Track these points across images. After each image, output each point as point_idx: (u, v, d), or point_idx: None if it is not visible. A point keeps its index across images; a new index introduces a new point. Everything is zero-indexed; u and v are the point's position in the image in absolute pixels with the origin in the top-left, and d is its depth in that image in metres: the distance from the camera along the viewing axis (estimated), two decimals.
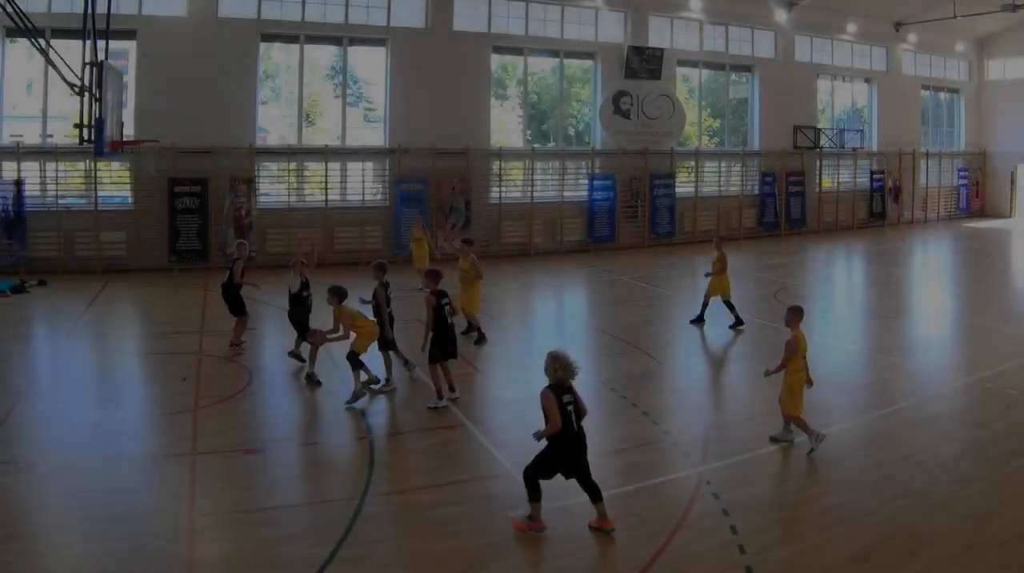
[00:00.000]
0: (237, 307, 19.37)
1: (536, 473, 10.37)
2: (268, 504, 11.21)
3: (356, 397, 15.23)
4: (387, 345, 16.56)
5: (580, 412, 10.44)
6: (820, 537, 10.27)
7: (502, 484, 11.66)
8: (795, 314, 13.41)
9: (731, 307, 21.82)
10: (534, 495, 10.40)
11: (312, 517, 10.90)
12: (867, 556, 9.77)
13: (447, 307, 15.69)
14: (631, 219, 39.46)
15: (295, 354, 17.77)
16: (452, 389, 15.51)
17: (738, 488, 11.65)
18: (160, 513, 10.84)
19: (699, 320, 22.07)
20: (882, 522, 10.59)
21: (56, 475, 12.01)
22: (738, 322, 21.65)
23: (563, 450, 10.26)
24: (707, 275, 22.27)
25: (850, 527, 10.44)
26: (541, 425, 10.53)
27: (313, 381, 16.55)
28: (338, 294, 15.65)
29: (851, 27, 46.13)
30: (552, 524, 10.40)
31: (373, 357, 16.27)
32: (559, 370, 10.33)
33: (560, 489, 10.79)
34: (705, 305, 22.06)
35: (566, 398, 10.30)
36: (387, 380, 16.52)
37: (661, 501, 11.38)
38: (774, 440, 13.35)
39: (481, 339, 20.12)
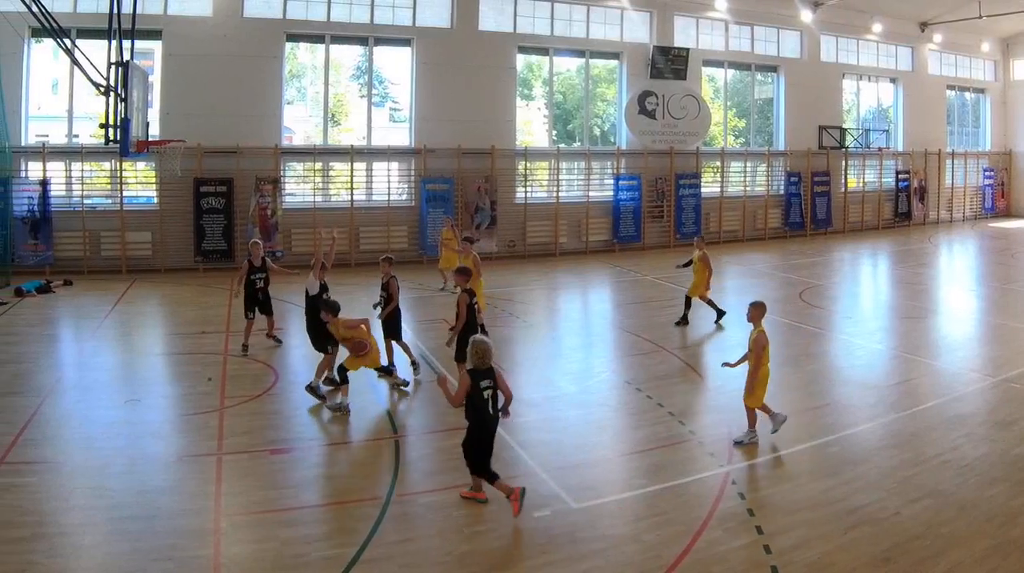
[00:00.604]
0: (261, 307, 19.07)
1: (478, 460, 10.86)
2: (294, 504, 11.07)
3: (334, 408, 14.79)
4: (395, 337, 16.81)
5: (505, 396, 11.05)
6: (845, 537, 10.06)
7: (528, 484, 11.26)
8: (758, 309, 13.38)
9: (713, 305, 21.93)
10: (491, 478, 10.81)
11: (338, 517, 10.75)
12: (892, 556, 9.59)
13: (476, 306, 15.55)
14: (656, 219, 38.73)
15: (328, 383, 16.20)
16: None
17: (764, 488, 11.58)
18: (186, 513, 10.69)
19: (684, 322, 21.91)
20: (907, 522, 10.40)
21: (82, 475, 11.82)
22: (719, 315, 21.92)
23: (482, 424, 10.79)
24: (678, 266, 23.08)
25: (875, 527, 10.28)
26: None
27: (318, 394, 15.51)
28: (332, 310, 14.88)
29: (876, 27, 45.15)
30: (578, 525, 10.36)
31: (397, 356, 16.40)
32: (475, 356, 10.76)
33: (588, 490, 11.20)
34: (688, 306, 21.99)
35: (484, 382, 10.74)
36: (413, 364, 16.84)
37: (687, 501, 11.18)
38: (738, 443, 13.18)
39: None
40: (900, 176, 47.29)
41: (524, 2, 36.24)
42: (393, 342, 17.09)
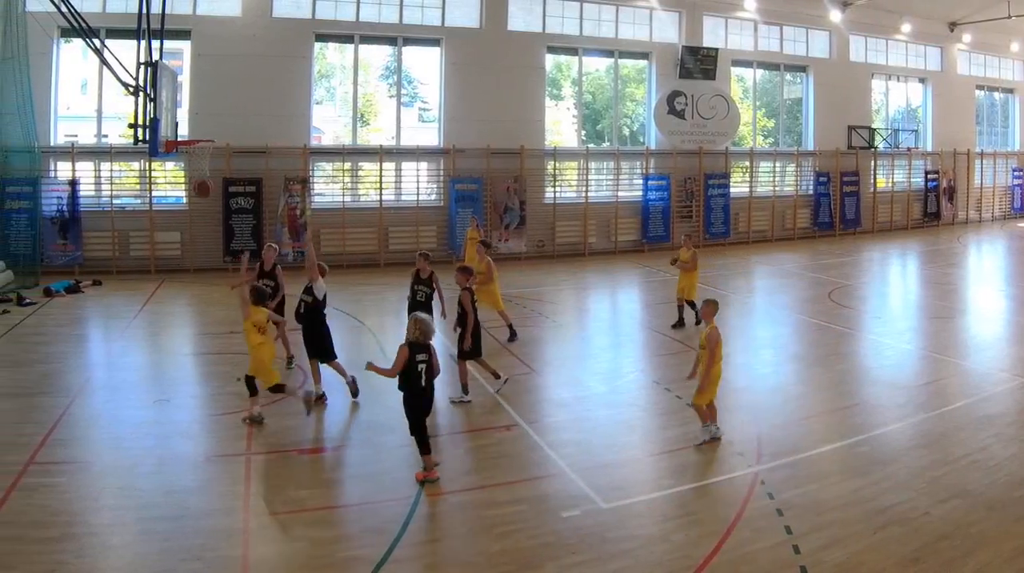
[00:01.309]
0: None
1: (415, 425, 11.46)
2: (323, 504, 10.97)
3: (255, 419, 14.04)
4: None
5: (432, 371, 11.48)
6: (874, 537, 9.86)
7: (557, 484, 11.42)
8: (711, 307, 13.12)
9: (692, 306, 20.62)
10: (425, 448, 11.47)
11: (367, 517, 10.57)
12: (921, 556, 9.42)
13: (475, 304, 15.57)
14: (686, 219, 37.79)
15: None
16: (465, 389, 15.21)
17: (793, 488, 11.28)
18: (215, 513, 10.56)
19: (680, 325, 21.00)
20: (936, 522, 10.21)
21: (111, 475, 11.67)
22: (680, 324, 20.96)
23: (413, 396, 11.34)
24: (672, 262, 21.61)
25: (904, 527, 10.08)
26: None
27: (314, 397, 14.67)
28: (259, 297, 14.19)
29: (905, 27, 43.94)
30: (607, 525, 10.23)
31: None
32: (416, 331, 11.32)
33: (617, 490, 11.15)
34: (681, 307, 21.13)
35: (420, 357, 11.29)
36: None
37: (716, 501, 11.05)
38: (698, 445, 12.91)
39: (513, 337, 19.62)
40: (929, 176, 46.09)
41: (553, 2, 35.48)
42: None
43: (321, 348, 15.10)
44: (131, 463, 12.00)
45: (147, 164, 29.33)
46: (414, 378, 11.28)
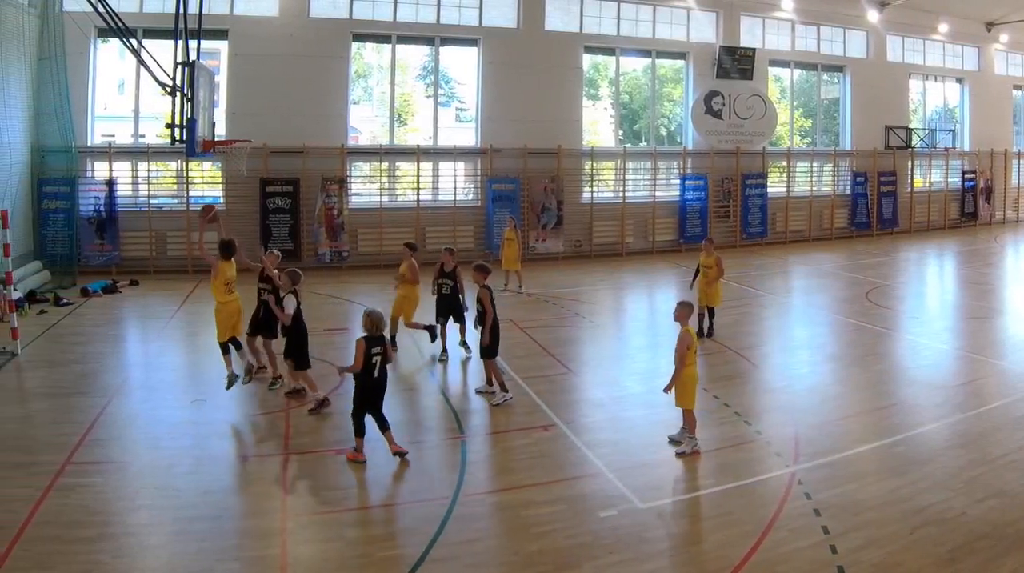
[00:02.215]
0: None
1: (356, 410, 11.84)
2: (360, 504, 10.88)
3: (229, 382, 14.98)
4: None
5: (386, 360, 11.94)
6: (911, 537, 9.71)
7: (594, 484, 11.26)
8: (684, 308, 12.73)
9: (711, 315, 19.64)
10: (359, 431, 11.86)
11: (404, 517, 10.49)
12: (958, 556, 9.25)
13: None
14: (723, 219, 36.62)
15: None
16: (503, 387, 14.87)
17: (830, 488, 11.07)
18: (252, 513, 10.46)
19: (702, 334, 19.16)
20: (973, 522, 10.04)
21: (148, 475, 11.47)
22: (709, 333, 19.45)
23: (364, 388, 11.72)
24: (691, 285, 20.28)
25: (941, 527, 9.92)
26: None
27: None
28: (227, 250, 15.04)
29: (942, 27, 42.36)
30: (644, 525, 10.10)
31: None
32: (369, 324, 11.69)
33: (655, 490, 11.01)
34: (702, 317, 19.48)
35: (375, 349, 11.67)
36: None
37: (753, 501, 10.79)
38: (673, 441, 12.63)
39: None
40: (966, 176, 44.48)
41: (590, 2, 34.31)
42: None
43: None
44: (168, 463, 11.80)
45: (184, 164, 28.66)
46: (368, 369, 11.67)
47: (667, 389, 12.42)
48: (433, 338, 17.74)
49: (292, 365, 14.51)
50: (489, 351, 14.78)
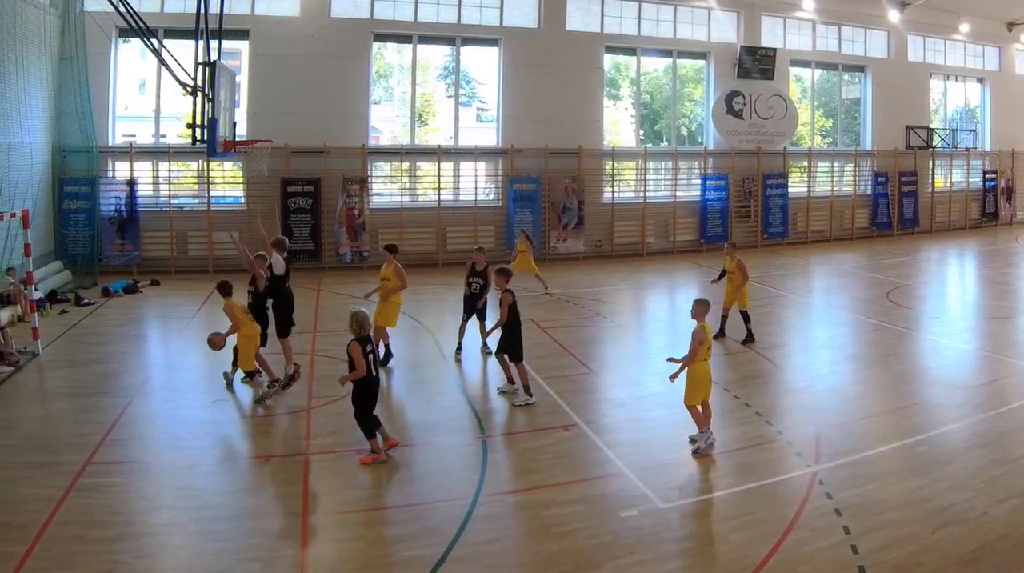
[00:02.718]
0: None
1: (362, 413, 11.65)
2: (380, 504, 10.72)
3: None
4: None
5: (377, 359, 12.01)
6: (932, 537, 9.53)
7: (615, 484, 11.09)
8: (701, 306, 12.46)
9: (747, 320, 18.95)
10: (370, 433, 11.67)
11: (424, 517, 10.19)
12: (979, 556, 9.10)
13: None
14: (744, 219, 35.90)
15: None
16: (527, 390, 14.63)
17: (851, 488, 10.87)
18: (273, 513, 10.32)
19: (721, 335, 18.74)
20: (995, 522, 9.85)
21: (169, 475, 11.35)
22: (750, 337, 18.76)
23: (367, 389, 11.58)
24: (713, 282, 20.29)
25: (963, 527, 9.74)
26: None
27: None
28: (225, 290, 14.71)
29: (964, 27, 41.33)
30: (665, 525, 9.95)
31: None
32: (357, 326, 11.50)
33: (675, 490, 10.85)
34: (725, 319, 19.08)
35: (368, 348, 11.53)
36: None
37: (774, 501, 10.62)
38: (693, 440, 12.36)
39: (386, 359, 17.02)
40: (987, 176, 43.50)
41: (611, 2, 33.62)
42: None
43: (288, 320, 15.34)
44: (189, 463, 11.66)
45: (205, 164, 28.21)
46: (368, 369, 11.52)
47: (673, 377, 12.19)
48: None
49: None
50: (515, 354, 14.56)
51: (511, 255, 26.82)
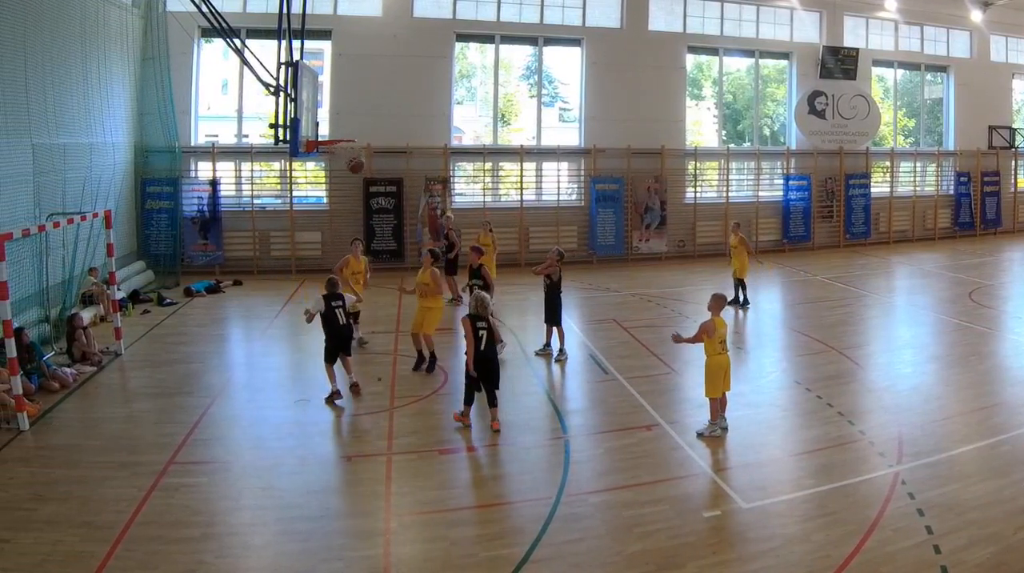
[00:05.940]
0: None
1: (468, 386, 11.92)
2: (463, 504, 9.96)
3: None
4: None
5: (493, 336, 11.91)
6: (1016, 537, 8.70)
7: (697, 484, 10.39)
8: (716, 301, 12.09)
9: (743, 287, 20.81)
10: (468, 401, 11.99)
11: (507, 517, 9.61)
12: None
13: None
14: (826, 219, 32.24)
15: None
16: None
17: (934, 488, 10.03)
18: (355, 513, 9.71)
19: (743, 303, 20.92)
20: None
21: (251, 475, 10.68)
22: (744, 302, 20.72)
23: (476, 364, 11.56)
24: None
25: None
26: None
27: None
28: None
29: None
30: (748, 525, 9.28)
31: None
32: (475, 307, 11.82)
33: (758, 490, 10.08)
34: (742, 287, 20.87)
35: (480, 325, 11.64)
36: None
37: (856, 501, 9.79)
38: (700, 435, 11.80)
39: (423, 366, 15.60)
40: None
41: (693, 2, 30.17)
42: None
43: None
44: (272, 463, 11.02)
45: (287, 164, 25.85)
46: (477, 342, 11.64)
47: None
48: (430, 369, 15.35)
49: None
50: (553, 318, 15.91)
51: (597, 256, 24.30)
